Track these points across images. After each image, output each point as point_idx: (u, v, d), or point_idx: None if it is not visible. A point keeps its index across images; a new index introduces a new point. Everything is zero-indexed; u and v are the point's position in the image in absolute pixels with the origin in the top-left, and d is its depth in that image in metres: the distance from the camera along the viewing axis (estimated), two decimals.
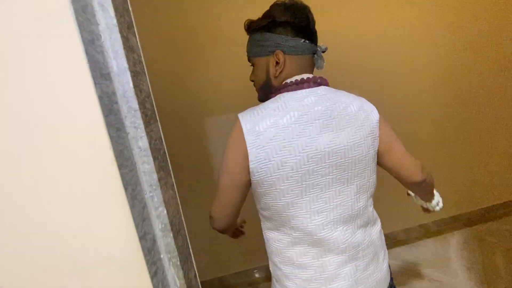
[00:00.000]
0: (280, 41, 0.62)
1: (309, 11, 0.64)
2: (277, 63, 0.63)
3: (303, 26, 0.63)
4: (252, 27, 0.66)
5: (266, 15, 0.64)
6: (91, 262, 0.33)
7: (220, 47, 1.38)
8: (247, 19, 0.67)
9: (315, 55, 0.67)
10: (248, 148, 0.56)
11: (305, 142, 0.56)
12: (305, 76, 0.63)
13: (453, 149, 1.92)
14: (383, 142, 0.64)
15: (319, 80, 0.63)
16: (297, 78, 0.63)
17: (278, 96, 0.62)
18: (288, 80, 0.63)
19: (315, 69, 0.68)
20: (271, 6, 0.64)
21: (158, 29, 1.33)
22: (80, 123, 0.30)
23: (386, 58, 1.64)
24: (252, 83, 0.72)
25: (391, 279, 0.74)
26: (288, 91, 0.61)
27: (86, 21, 0.30)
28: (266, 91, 0.68)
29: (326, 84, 0.64)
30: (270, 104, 0.60)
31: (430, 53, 1.69)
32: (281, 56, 0.62)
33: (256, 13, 0.68)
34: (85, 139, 0.31)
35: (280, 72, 0.64)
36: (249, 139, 0.56)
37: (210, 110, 1.47)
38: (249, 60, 0.70)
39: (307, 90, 0.61)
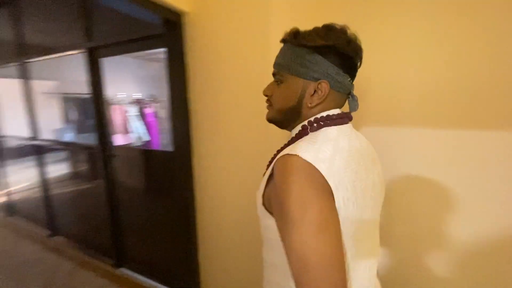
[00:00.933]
0: (332, 71, 0.54)
1: None
2: (315, 92, 0.55)
3: (355, 65, 0.57)
4: (300, 41, 0.55)
5: (324, 36, 0.53)
6: None
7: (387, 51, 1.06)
8: (294, 27, 0.57)
9: (350, 96, 0.59)
10: (334, 192, 0.46)
11: (372, 183, 0.54)
12: (339, 111, 0.58)
13: None
14: None
15: (350, 116, 0.59)
16: (338, 112, 0.57)
17: (327, 130, 0.54)
18: (330, 113, 0.56)
19: None
20: (332, 29, 0.54)
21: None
22: None
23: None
24: (266, 97, 0.63)
25: None
26: (335, 124, 0.55)
27: None
28: (288, 116, 0.59)
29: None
30: (325, 140, 0.52)
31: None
32: (326, 88, 0.54)
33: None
34: None
35: (317, 104, 0.56)
36: (332, 180, 0.46)
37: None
38: (277, 74, 0.59)
39: (348, 125, 0.58)
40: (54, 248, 2.45)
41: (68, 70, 3.77)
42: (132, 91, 4.41)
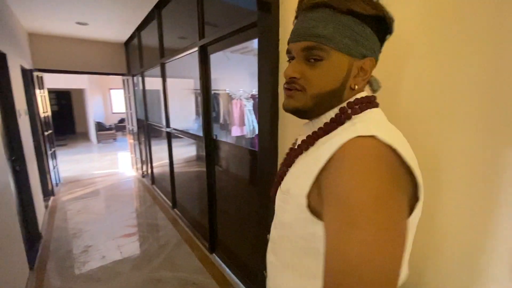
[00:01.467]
0: (377, 48, 0.47)
1: None
2: (358, 72, 0.46)
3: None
4: (348, 5, 0.42)
5: (374, 4, 0.43)
6: None
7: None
8: None
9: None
10: (420, 183, 0.40)
11: None
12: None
13: None
14: None
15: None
16: (372, 95, 0.50)
17: (372, 112, 0.47)
18: (369, 95, 0.49)
19: None
20: None
21: None
22: None
23: None
24: (291, 80, 0.48)
25: None
26: (376, 107, 0.49)
27: None
28: (324, 103, 0.48)
29: None
30: (380, 121, 0.46)
31: None
32: (372, 67, 0.47)
33: None
34: None
35: (358, 86, 0.48)
36: (414, 168, 0.39)
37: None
38: (315, 48, 0.44)
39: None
40: (172, 218, 2.94)
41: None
42: (249, 87, 4.71)
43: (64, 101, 10.51)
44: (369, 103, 0.47)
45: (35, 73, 3.45)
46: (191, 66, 4.24)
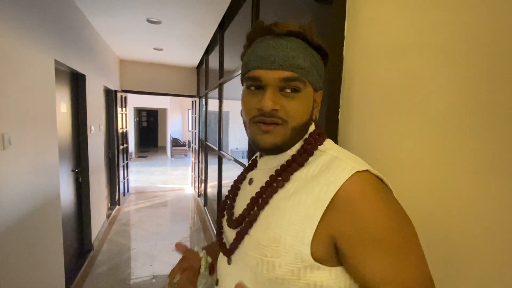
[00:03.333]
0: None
1: None
2: (315, 104, 0.48)
3: None
4: (318, 41, 0.44)
5: (318, 42, 0.45)
6: None
7: None
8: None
9: None
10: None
11: None
12: None
13: None
14: None
15: None
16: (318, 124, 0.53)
17: (329, 141, 0.48)
18: (317, 125, 0.51)
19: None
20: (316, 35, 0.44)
21: None
22: None
23: None
24: (270, 111, 0.43)
25: None
26: (327, 135, 0.50)
27: None
28: (297, 136, 0.46)
29: None
30: (344, 149, 0.47)
31: None
32: (321, 98, 0.49)
33: None
34: None
35: (317, 117, 0.49)
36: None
37: None
38: (296, 79, 0.42)
39: None
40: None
41: None
42: None
43: (152, 119, 12.17)
44: (324, 132, 0.48)
45: (119, 94, 3.89)
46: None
